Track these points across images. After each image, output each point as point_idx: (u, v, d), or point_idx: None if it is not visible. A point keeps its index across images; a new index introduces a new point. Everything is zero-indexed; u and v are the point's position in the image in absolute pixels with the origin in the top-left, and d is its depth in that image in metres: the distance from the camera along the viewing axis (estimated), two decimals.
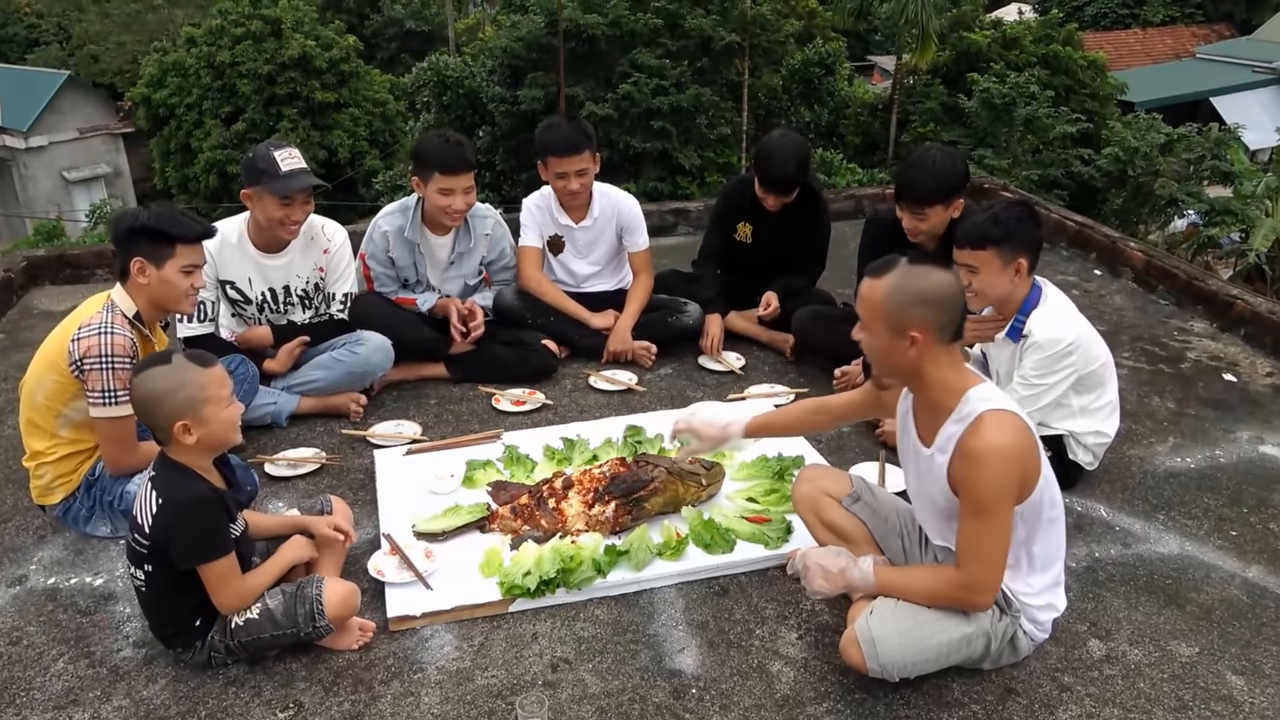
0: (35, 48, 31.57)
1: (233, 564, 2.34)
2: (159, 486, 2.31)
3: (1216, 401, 3.82)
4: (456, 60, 21.92)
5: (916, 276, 2.20)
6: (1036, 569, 2.32)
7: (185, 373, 2.32)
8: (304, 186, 3.46)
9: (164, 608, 2.39)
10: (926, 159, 3.48)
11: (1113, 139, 17.39)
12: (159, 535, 2.27)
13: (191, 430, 2.29)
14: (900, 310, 2.18)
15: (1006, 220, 2.87)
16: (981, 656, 2.33)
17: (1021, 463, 2.15)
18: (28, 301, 5.13)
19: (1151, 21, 30.45)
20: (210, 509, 2.31)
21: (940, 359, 2.22)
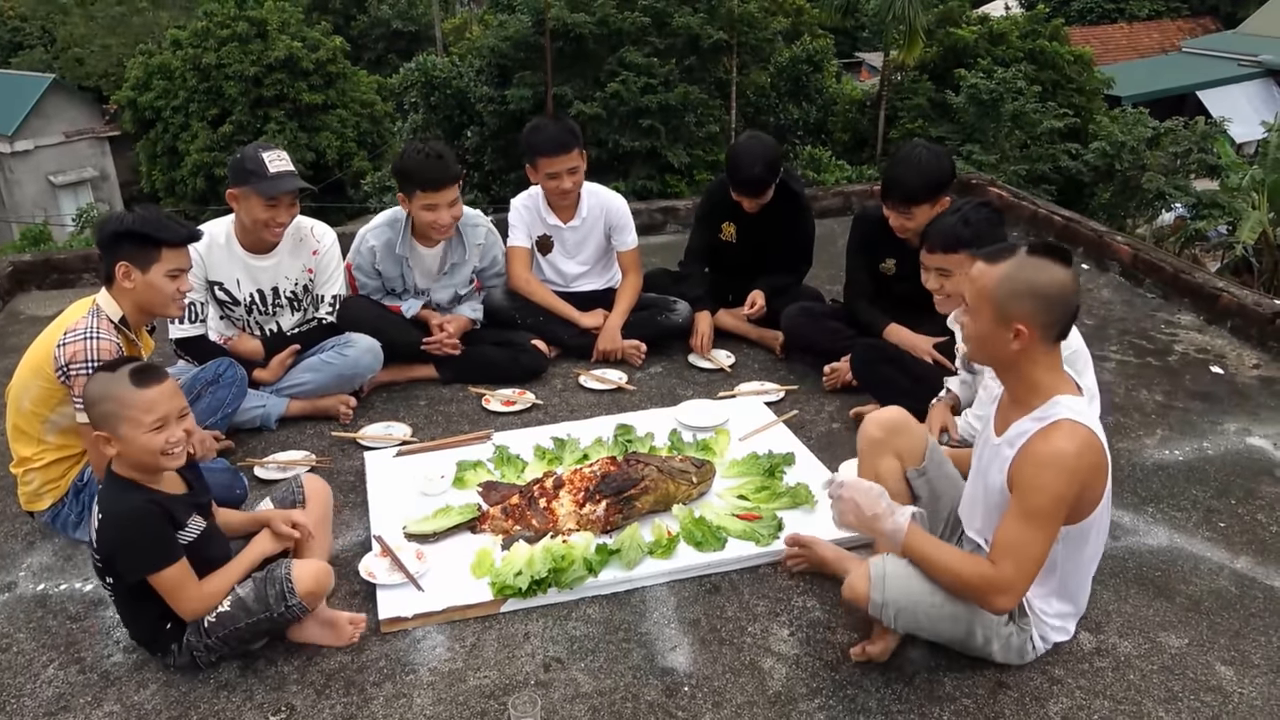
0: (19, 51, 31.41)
1: (183, 572, 2.30)
2: (101, 500, 2.31)
3: (1204, 394, 3.84)
4: (444, 60, 21.89)
5: (1033, 269, 2.14)
6: (1062, 596, 2.35)
7: (114, 385, 2.28)
8: (290, 189, 3.45)
9: (134, 615, 2.40)
10: (913, 157, 3.50)
11: (1100, 133, 17.45)
12: (103, 550, 2.28)
13: (111, 444, 2.27)
14: (1010, 301, 2.13)
15: (976, 222, 2.89)
16: (979, 648, 2.34)
17: (1083, 479, 2.12)
18: (14, 307, 5.10)
19: (1137, 16, 30.54)
20: (149, 521, 2.27)
21: (1039, 358, 2.18)
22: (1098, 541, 2.31)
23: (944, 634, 2.31)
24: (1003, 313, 2.14)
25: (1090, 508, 2.20)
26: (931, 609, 2.23)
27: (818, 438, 3.50)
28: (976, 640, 2.31)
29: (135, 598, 2.33)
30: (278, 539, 2.54)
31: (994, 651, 2.34)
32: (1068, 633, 2.43)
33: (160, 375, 2.35)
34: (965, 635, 2.30)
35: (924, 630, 2.29)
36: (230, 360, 3.46)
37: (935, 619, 2.25)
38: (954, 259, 2.90)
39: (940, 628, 2.28)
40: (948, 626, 2.28)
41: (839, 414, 3.68)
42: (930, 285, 3.01)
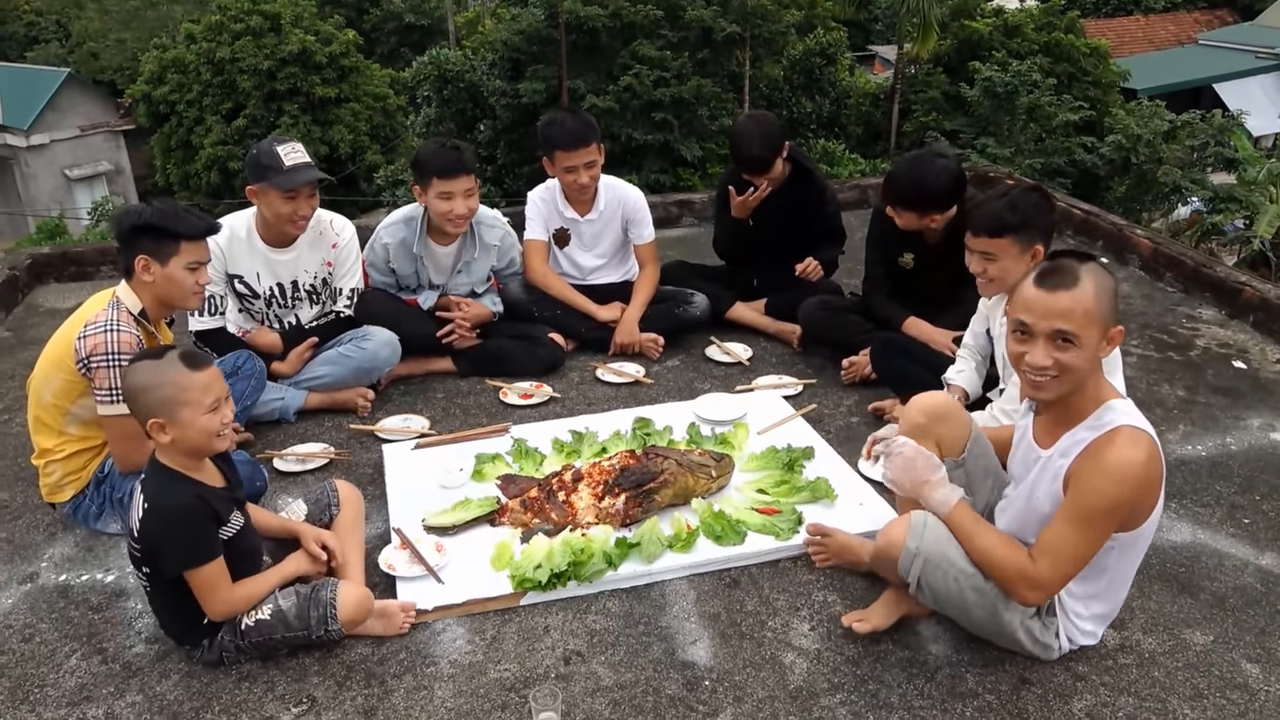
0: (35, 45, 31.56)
1: (219, 571, 2.31)
2: (146, 490, 2.30)
3: (1226, 389, 3.81)
4: (457, 54, 21.91)
5: (1104, 275, 2.11)
6: (1105, 600, 2.33)
7: (168, 371, 2.27)
8: (308, 180, 3.45)
9: (170, 607, 2.39)
10: (916, 166, 3.59)
11: (1116, 126, 17.34)
12: (146, 542, 2.27)
13: (166, 430, 2.26)
14: (1111, 311, 2.09)
15: (1024, 207, 2.86)
16: (999, 631, 2.29)
17: (1142, 488, 2.09)
18: (33, 299, 5.13)
19: (1153, 8, 30.35)
20: (195, 516, 2.27)
21: (1096, 363, 2.14)
22: (1145, 546, 2.29)
23: (967, 606, 2.23)
24: (1106, 325, 2.10)
25: (1145, 515, 2.16)
26: (961, 576, 2.20)
27: (836, 431, 3.49)
28: (1000, 621, 2.25)
29: (174, 591, 2.32)
30: (312, 561, 2.56)
31: (1019, 640, 2.30)
32: (1096, 637, 2.41)
33: (208, 357, 2.39)
34: (989, 616, 2.25)
35: (947, 598, 2.23)
36: (249, 353, 3.46)
37: (963, 587, 2.21)
38: (999, 243, 2.88)
39: (966, 598, 2.22)
40: (973, 599, 2.22)
41: (858, 408, 3.66)
42: (974, 268, 2.98)
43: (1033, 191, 2.95)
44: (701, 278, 4.41)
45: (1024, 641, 2.32)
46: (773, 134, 4.00)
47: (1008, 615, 2.26)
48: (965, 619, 2.32)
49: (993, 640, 2.38)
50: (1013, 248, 2.87)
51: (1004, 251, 2.87)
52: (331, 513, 2.74)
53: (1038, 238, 2.87)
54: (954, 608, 2.28)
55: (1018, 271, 2.90)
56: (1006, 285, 2.95)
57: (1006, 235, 2.86)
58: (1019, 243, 2.86)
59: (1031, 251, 2.87)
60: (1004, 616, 2.26)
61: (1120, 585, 2.34)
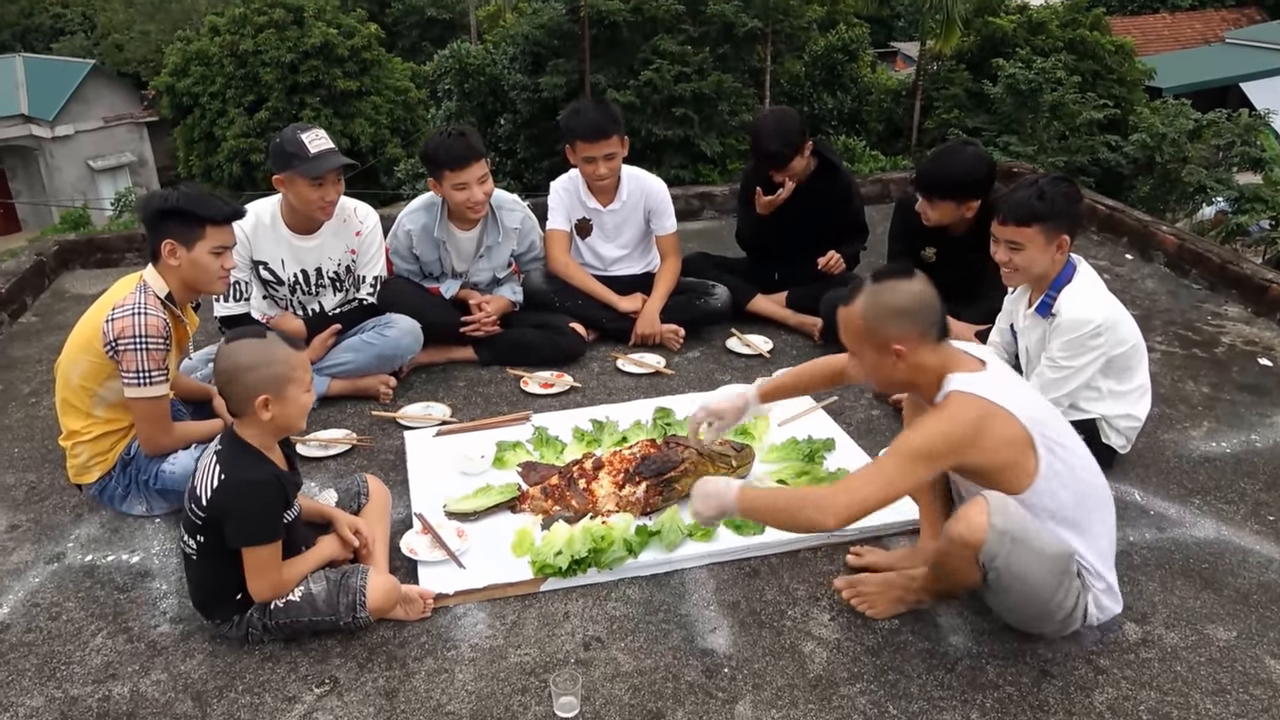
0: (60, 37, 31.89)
1: (276, 552, 2.36)
2: (224, 462, 2.32)
3: (1252, 386, 3.78)
4: (478, 48, 21.97)
5: (886, 293, 2.25)
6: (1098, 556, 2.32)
7: (277, 349, 2.34)
8: (334, 166, 3.47)
9: (210, 578, 2.41)
10: (952, 154, 3.63)
11: (1140, 125, 17.16)
12: (216, 511, 2.30)
13: (270, 407, 2.31)
14: (880, 328, 2.24)
15: (1053, 196, 2.84)
16: (1056, 607, 2.26)
17: (966, 435, 2.15)
18: (59, 285, 5.18)
19: (1180, 6, 30.02)
20: (270, 494, 2.32)
21: (927, 360, 2.26)
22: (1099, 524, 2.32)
23: (1037, 581, 2.19)
24: (878, 342, 2.25)
25: (1014, 473, 2.19)
26: (1039, 544, 2.17)
27: (857, 424, 3.48)
28: (1059, 595, 2.23)
29: (223, 561, 2.35)
30: (343, 546, 2.60)
31: (1072, 613, 2.28)
32: (1116, 601, 2.37)
33: (295, 339, 2.46)
34: (1054, 589, 2.21)
35: (1025, 578, 2.18)
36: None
37: (1041, 558, 2.17)
38: (1027, 232, 2.86)
39: (1043, 568, 2.18)
40: (1047, 568, 2.18)
41: (878, 401, 3.65)
42: (999, 257, 2.96)
43: (1062, 181, 2.92)
44: (723, 270, 4.41)
45: (1074, 613, 2.28)
46: (792, 130, 4.00)
47: (1065, 585, 2.24)
48: (1026, 605, 2.27)
49: (1035, 626, 2.36)
50: (1040, 237, 2.85)
51: (1031, 241, 2.86)
52: (360, 501, 2.77)
53: (1064, 228, 2.85)
54: (1025, 588, 2.20)
55: (1043, 261, 2.89)
56: (1031, 275, 2.94)
57: (1035, 224, 2.84)
58: (1046, 232, 2.84)
59: (1058, 242, 2.85)
60: (1061, 590, 2.23)
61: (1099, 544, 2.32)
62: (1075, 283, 2.93)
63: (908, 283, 2.26)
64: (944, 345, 2.29)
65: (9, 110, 25.69)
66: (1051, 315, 2.93)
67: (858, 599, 2.55)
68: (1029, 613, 2.31)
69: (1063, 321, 2.89)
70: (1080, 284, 2.94)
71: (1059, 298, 2.92)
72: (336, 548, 2.58)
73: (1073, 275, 2.94)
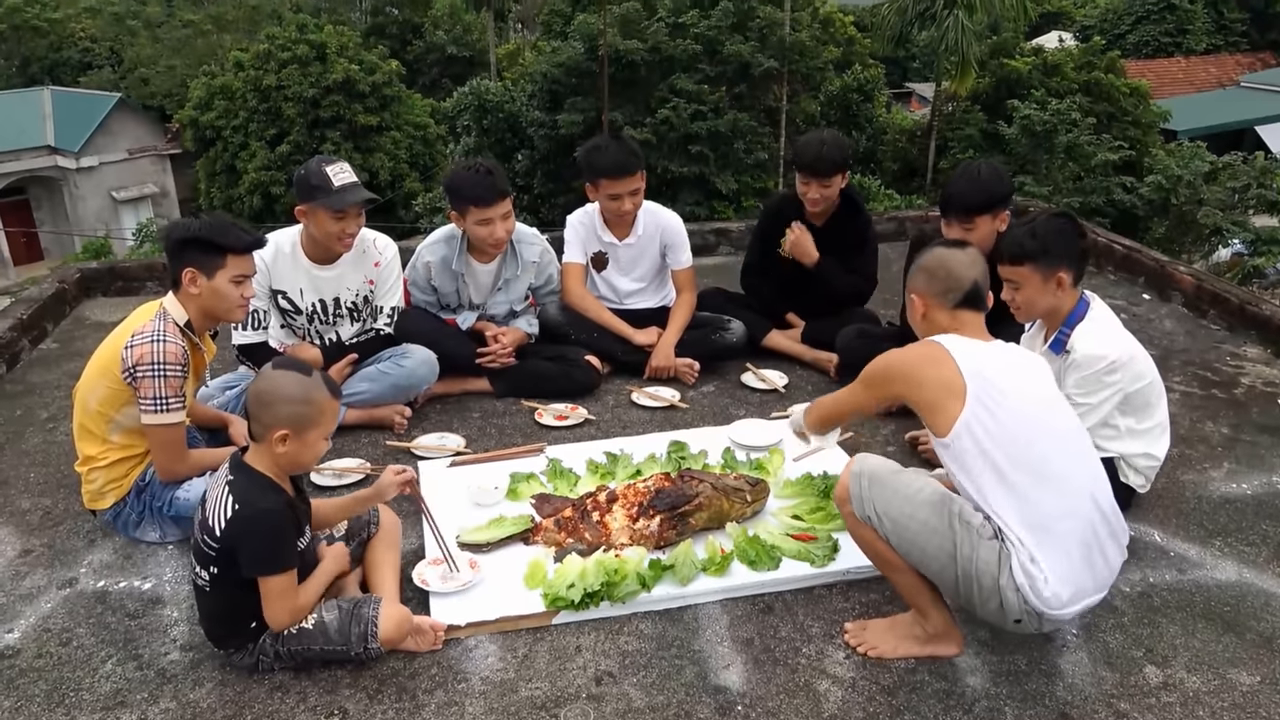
0: (88, 71, 32.44)
1: (292, 580, 2.36)
2: (236, 492, 2.32)
3: (1273, 427, 3.74)
4: (497, 85, 22.23)
5: (929, 253, 2.59)
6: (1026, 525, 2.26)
7: (316, 391, 2.36)
8: (357, 200, 3.50)
9: (223, 608, 2.40)
10: (971, 171, 3.59)
11: (1155, 167, 17.19)
12: (229, 541, 2.29)
13: (287, 443, 2.32)
14: (913, 279, 2.60)
15: (1045, 234, 2.83)
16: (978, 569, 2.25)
17: (895, 370, 2.45)
18: (80, 312, 5.23)
19: (1195, 50, 30.17)
20: (283, 521, 2.33)
21: (940, 321, 2.53)
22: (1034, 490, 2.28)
23: (918, 525, 2.32)
24: (910, 289, 2.61)
25: (940, 415, 2.32)
26: (896, 483, 2.40)
27: None
28: (955, 540, 2.27)
29: (238, 590, 2.34)
30: (345, 559, 2.60)
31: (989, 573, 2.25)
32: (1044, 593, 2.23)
33: (335, 385, 2.48)
34: (944, 534, 2.29)
35: (900, 518, 2.34)
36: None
37: (903, 497, 2.36)
38: (1021, 271, 2.86)
39: (913, 509, 2.33)
40: (916, 508, 2.33)
41: (894, 437, 3.64)
42: (1004, 296, 2.96)
43: (1058, 218, 2.91)
44: (739, 305, 4.41)
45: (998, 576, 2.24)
46: (840, 143, 4.07)
47: (956, 527, 2.28)
48: (934, 559, 2.32)
49: (965, 592, 2.31)
50: (1035, 275, 2.84)
51: (1026, 279, 2.85)
52: (370, 530, 2.76)
53: (1061, 264, 2.83)
54: (911, 531, 2.34)
55: (1044, 299, 2.88)
56: (1035, 312, 2.93)
57: (1027, 263, 2.84)
58: (1040, 270, 2.83)
59: (1055, 279, 2.84)
60: (952, 527, 2.29)
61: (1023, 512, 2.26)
62: (1089, 320, 2.92)
63: (950, 250, 2.58)
64: (961, 314, 2.51)
65: (36, 141, 26.13)
66: (1066, 352, 2.91)
67: (862, 644, 2.53)
68: (947, 573, 2.31)
69: (1077, 358, 2.87)
70: (1094, 321, 2.92)
71: (1072, 335, 2.91)
72: (340, 562, 2.58)
73: (1086, 312, 2.92)
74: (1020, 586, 2.24)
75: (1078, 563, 2.27)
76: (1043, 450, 2.31)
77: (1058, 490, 2.29)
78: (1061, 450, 2.35)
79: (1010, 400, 2.31)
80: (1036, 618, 2.27)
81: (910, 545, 2.34)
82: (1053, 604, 2.24)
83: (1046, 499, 2.28)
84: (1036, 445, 2.31)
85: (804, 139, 4.16)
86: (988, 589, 2.27)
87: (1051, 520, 2.27)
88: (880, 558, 2.45)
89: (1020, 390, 2.35)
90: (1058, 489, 2.29)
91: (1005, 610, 2.28)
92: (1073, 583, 2.26)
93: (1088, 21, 32.73)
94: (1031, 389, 2.40)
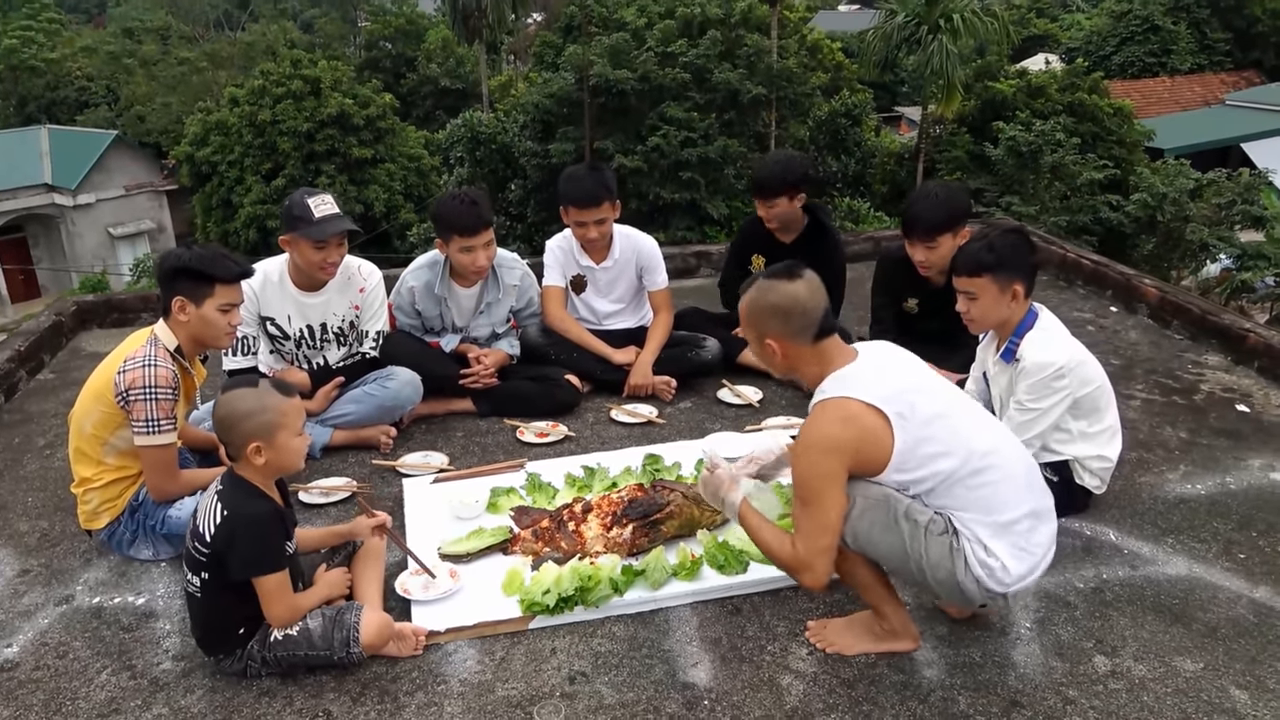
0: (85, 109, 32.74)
1: (286, 579, 2.49)
2: (225, 500, 2.46)
3: (1229, 431, 3.87)
4: (489, 116, 22.49)
5: (763, 291, 2.45)
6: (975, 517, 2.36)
7: (268, 398, 2.49)
8: (337, 231, 3.63)
9: (213, 614, 2.52)
10: (930, 192, 3.75)
11: (1141, 185, 17.41)
12: (219, 545, 2.42)
13: (262, 453, 2.46)
14: (757, 323, 2.47)
15: (1001, 247, 2.97)
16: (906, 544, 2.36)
17: (838, 452, 2.31)
18: (77, 343, 5.37)
19: (1179, 69, 30.56)
20: (270, 526, 2.46)
21: (807, 358, 2.44)
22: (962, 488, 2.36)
23: (876, 524, 2.36)
24: (758, 334, 2.48)
25: (876, 460, 2.33)
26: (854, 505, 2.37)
27: None
28: (903, 534, 2.35)
29: (226, 596, 2.47)
30: (341, 585, 2.73)
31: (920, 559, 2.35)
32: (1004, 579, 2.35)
33: (292, 387, 2.62)
34: (894, 528, 2.35)
35: (860, 531, 2.37)
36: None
37: (862, 506, 2.36)
38: (978, 282, 2.99)
39: (870, 515, 2.36)
40: (876, 514, 2.36)
41: None
42: (959, 308, 3.09)
43: (1011, 233, 3.05)
44: (715, 324, 4.55)
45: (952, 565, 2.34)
46: (794, 165, 4.24)
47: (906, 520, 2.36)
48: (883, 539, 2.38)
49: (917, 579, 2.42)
50: (992, 286, 2.98)
51: (984, 290, 2.99)
52: (355, 543, 2.88)
53: (1016, 277, 2.98)
54: (865, 532, 2.38)
55: (998, 310, 3.01)
56: (989, 323, 3.07)
57: (984, 275, 2.97)
58: (997, 282, 2.97)
59: (1011, 290, 2.98)
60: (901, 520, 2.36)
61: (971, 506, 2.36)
62: (1037, 329, 3.05)
63: (788, 284, 2.42)
64: (823, 345, 2.42)
65: (33, 179, 26.38)
66: (1016, 360, 3.04)
67: (822, 641, 2.64)
68: (904, 567, 2.40)
69: (1026, 366, 3.00)
70: (1042, 330, 3.05)
71: (1021, 344, 3.04)
72: (339, 586, 2.71)
73: (1034, 322, 3.06)
74: (980, 579, 2.35)
75: (1025, 537, 2.38)
76: (967, 431, 2.39)
77: (994, 468, 2.37)
78: (977, 423, 2.45)
79: (909, 399, 2.35)
80: (1001, 597, 2.42)
81: (866, 543, 2.42)
82: (1012, 582, 2.37)
83: (986, 482, 2.36)
84: (960, 430, 2.39)
85: (758, 161, 4.37)
86: (945, 583, 2.38)
87: (996, 505, 2.36)
88: (839, 558, 2.49)
89: (919, 385, 2.43)
90: (995, 466, 2.38)
91: (968, 598, 2.41)
92: (1027, 559, 2.38)
93: (1073, 44, 33.20)
94: (926, 379, 2.49)
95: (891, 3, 21.58)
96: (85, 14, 48.90)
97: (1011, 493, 2.38)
